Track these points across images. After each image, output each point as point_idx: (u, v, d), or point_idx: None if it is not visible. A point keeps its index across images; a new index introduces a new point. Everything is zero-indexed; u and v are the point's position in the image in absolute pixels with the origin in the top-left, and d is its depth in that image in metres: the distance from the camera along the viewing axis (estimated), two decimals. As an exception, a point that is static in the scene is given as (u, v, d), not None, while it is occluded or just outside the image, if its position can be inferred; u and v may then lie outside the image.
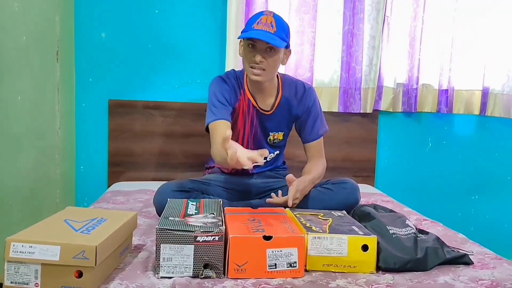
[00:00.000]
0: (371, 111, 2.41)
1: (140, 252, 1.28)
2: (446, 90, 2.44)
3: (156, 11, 2.29)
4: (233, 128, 1.69)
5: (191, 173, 2.17)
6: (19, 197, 1.65)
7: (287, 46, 1.62)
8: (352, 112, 2.40)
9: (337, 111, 2.40)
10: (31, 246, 0.99)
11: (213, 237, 1.09)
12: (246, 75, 1.70)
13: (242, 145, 1.71)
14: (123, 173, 2.31)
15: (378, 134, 2.49)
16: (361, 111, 2.40)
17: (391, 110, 2.45)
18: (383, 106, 2.43)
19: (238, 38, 1.59)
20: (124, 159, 2.31)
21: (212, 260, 1.10)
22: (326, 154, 1.81)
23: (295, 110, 1.74)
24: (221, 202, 1.39)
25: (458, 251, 1.30)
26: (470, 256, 1.29)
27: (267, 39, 1.51)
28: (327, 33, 2.36)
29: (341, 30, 2.34)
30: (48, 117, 1.95)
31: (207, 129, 1.65)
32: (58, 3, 2.03)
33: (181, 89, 2.34)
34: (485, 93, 2.47)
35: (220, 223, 1.15)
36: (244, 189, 1.75)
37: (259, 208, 1.45)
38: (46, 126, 1.92)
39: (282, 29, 1.56)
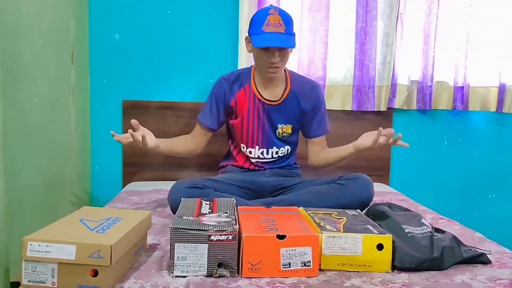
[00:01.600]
0: (385, 109, 2.39)
1: (154, 251, 1.29)
2: (462, 87, 2.41)
3: (169, 12, 2.30)
4: (239, 123, 1.79)
5: (204, 172, 2.18)
6: (36, 197, 1.68)
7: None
8: (366, 110, 2.38)
9: (350, 109, 2.39)
10: (48, 246, 1.01)
11: (226, 236, 1.09)
12: (254, 69, 1.80)
13: (250, 138, 1.80)
14: (138, 173, 2.33)
15: (393, 133, 2.46)
16: (375, 109, 2.37)
17: (405, 108, 2.42)
18: (397, 104, 2.41)
19: (255, 47, 1.62)
20: (139, 159, 2.33)
21: (226, 259, 1.10)
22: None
23: (303, 104, 1.79)
24: (234, 201, 1.39)
25: (476, 250, 1.28)
26: (488, 255, 1.26)
27: (283, 45, 1.59)
28: (340, 31, 2.35)
29: (354, 28, 2.32)
30: (63, 118, 1.97)
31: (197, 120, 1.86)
32: (73, 7, 2.06)
33: (194, 89, 2.35)
34: (501, 90, 2.42)
35: (234, 222, 1.15)
36: (257, 187, 1.76)
37: (272, 207, 1.44)
38: (62, 127, 1.95)
39: (289, 24, 1.62)
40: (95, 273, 1.01)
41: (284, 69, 1.81)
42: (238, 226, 1.13)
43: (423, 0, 2.34)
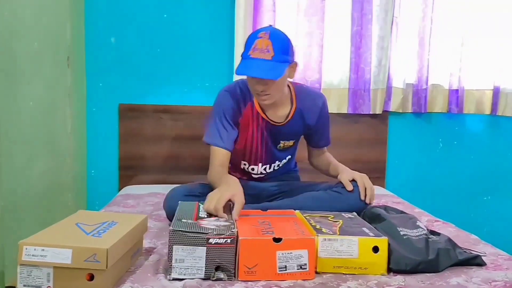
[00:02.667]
0: (380, 112, 2.40)
1: (150, 255, 1.28)
2: (457, 90, 2.42)
3: (165, 16, 2.31)
4: (242, 142, 1.69)
5: (201, 175, 2.18)
6: (31, 201, 1.67)
7: (291, 62, 1.52)
8: (362, 113, 2.39)
9: (346, 112, 2.40)
10: (43, 250, 1.00)
11: (225, 239, 1.09)
12: None
13: (252, 154, 1.72)
14: (134, 176, 2.33)
15: (388, 135, 2.47)
16: (371, 112, 2.39)
17: (400, 111, 2.43)
18: (393, 106, 2.42)
19: (236, 73, 1.50)
20: (135, 162, 2.33)
21: (224, 263, 1.10)
22: (337, 155, 1.83)
23: (309, 120, 1.71)
24: (232, 206, 1.39)
25: (471, 252, 1.29)
26: (483, 257, 1.27)
27: (261, 76, 1.42)
28: (335, 35, 2.36)
29: (349, 31, 2.34)
30: (59, 121, 1.97)
31: (205, 142, 1.65)
32: (69, 10, 2.06)
33: (191, 93, 2.36)
34: (496, 93, 2.44)
35: (233, 226, 1.15)
36: (255, 193, 1.75)
37: (269, 210, 1.45)
38: (57, 131, 1.95)
39: (280, 49, 1.45)
40: (91, 277, 1.00)
41: (289, 86, 1.67)
42: (237, 230, 1.13)
43: (418, 3, 2.36)
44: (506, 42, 2.42)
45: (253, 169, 1.77)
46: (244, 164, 1.77)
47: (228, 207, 1.32)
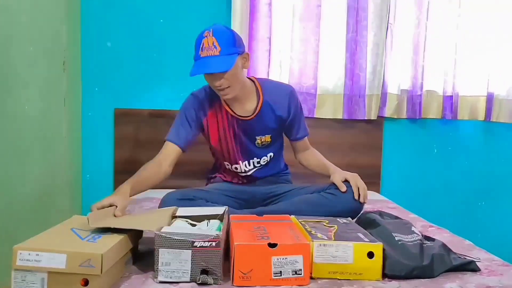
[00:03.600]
0: (375, 118, 2.41)
1: (145, 260, 1.28)
2: (451, 96, 2.44)
3: (161, 21, 2.31)
4: (216, 138, 1.74)
5: (196, 180, 2.18)
6: (26, 205, 1.66)
7: (241, 52, 1.58)
8: (357, 119, 2.40)
9: (341, 118, 2.41)
10: (38, 254, 1.00)
11: (210, 242, 1.10)
12: None
13: (229, 152, 1.75)
14: (129, 181, 2.32)
15: (383, 141, 2.49)
16: (366, 118, 2.40)
17: (395, 117, 2.45)
18: (388, 112, 2.43)
19: (190, 75, 1.55)
20: (130, 167, 2.29)
21: (210, 266, 1.10)
22: (332, 160, 1.83)
23: (279, 112, 1.72)
24: (227, 209, 1.39)
25: (465, 258, 1.29)
26: (477, 262, 1.28)
27: (212, 70, 1.51)
28: (330, 41, 2.37)
29: (345, 38, 2.35)
30: (54, 126, 1.96)
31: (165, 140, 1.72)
32: (65, 14, 2.06)
33: (186, 97, 2.35)
34: (489, 99, 2.46)
35: (219, 232, 1.15)
36: (248, 197, 1.76)
37: (264, 215, 1.45)
38: (52, 135, 1.94)
39: (226, 43, 1.52)
40: (86, 282, 1.00)
41: (254, 80, 1.73)
42: (222, 233, 1.13)
43: (412, 10, 2.38)
44: (499, 49, 2.44)
45: (236, 168, 1.78)
46: (227, 165, 1.79)
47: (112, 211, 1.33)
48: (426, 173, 2.54)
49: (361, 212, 1.60)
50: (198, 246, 1.09)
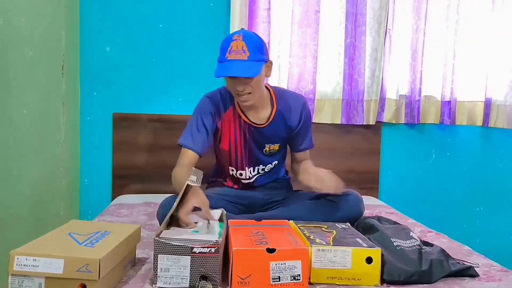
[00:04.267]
0: (374, 123, 2.41)
1: (143, 265, 1.28)
2: (449, 102, 2.45)
3: (160, 25, 2.32)
4: (227, 147, 1.72)
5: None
6: (24, 209, 1.66)
7: (267, 60, 1.58)
8: (355, 124, 2.41)
9: (340, 123, 2.41)
10: (35, 259, 0.99)
11: (209, 248, 1.10)
12: None
13: (237, 158, 1.74)
14: (127, 186, 2.32)
15: (382, 146, 2.49)
16: (364, 123, 2.40)
17: (394, 122, 2.45)
18: (386, 117, 2.44)
19: (215, 76, 1.53)
20: (128, 172, 2.32)
21: (209, 272, 1.10)
22: (330, 165, 1.80)
23: (290, 122, 1.72)
24: (224, 212, 1.39)
25: (464, 263, 1.29)
26: (475, 268, 1.28)
27: (240, 74, 1.49)
28: (329, 46, 2.38)
29: (343, 43, 2.36)
30: (53, 130, 1.96)
31: (179, 144, 1.68)
32: (64, 18, 2.06)
33: (185, 102, 2.36)
34: (487, 104, 2.47)
35: (218, 237, 1.15)
36: (247, 202, 1.75)
37: (263, 220, 1.44)
38: (51, 139, 1.94)
39: (255, 49, 1.51)
40: (83, 287, 1.00)
41: (269, 88, 1.72)
42: (221, 239, 1.13)
43: (411, 16, 2.39)
44: (497, 54, 2.45)
45: (241, 174, 1.77)
46: (232, 170, 1.78)
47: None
48: (425, 178, 2.54)
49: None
50: (197, 252, 1.09)
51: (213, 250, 1.09)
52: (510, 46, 2.45)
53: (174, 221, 1.28)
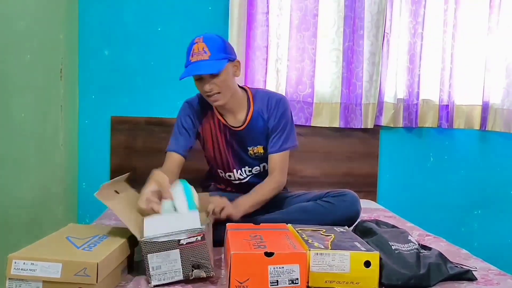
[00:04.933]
0: (372, 127, 2.42)
1: (141, 268, 1.27)
2: (447, 105, 2.45)
3: (159, 29, 2.32)
4: (209, 145, 1.75)
5: (193, 189, 2.17)
6: (22, 213, 1.65)
7: (232, 59, 1.58)
8: (353, 127, 2.41)
9: (338, 126, 2.41)
10: (33, 263, 0.99)
11: (195, 237, 1.11)
12: None
13: (223, 160, 1.75)
14: (125, 189, 2.31)
15: (380, 150, 2.49)
16: (362, 127, 2.41)
17: (392, 126, 2.46)
18: (384, 121, 2.44)
19: (180, 79, 1.56)
20: (126, 175, 2.31)
21: (199, 260, 1.12)
22: (328, 169, 1.80)
23: (269, 121, 1.69)
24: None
25: (462, 267, 1.29)
26: (473, 272, 1.28)
27: (200, 72, 1.53)
28: (327, 50, 2.39)
29: (341, 47, 2.36)
30: (51, 133, 1.96)
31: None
32: (63, 22, 2.06)
33: (182, 105, 2.35)
34: (485, 108, 2.47)
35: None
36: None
37: (261, 224, 1.44)
38: (49, 143, 1.94)
39: (216, 49, 1.54)
40: (81, 292, 0.99)
41: (246, 90, 1.72)
42: (205, 226, 1.14)
43: (408, 20, 2.40)
44: (494, 58, 2.46)
45: (230, 176, 1.78)
46: (221, 173, 1.79)
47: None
48: (423, 182, 2.54)
49: (358, 221, 1.60)
50: (185, 243, 1.11)
51: (199, 238, 1.11)
52: (506, 50, 2.46)
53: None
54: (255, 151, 1.73)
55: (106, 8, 2.28)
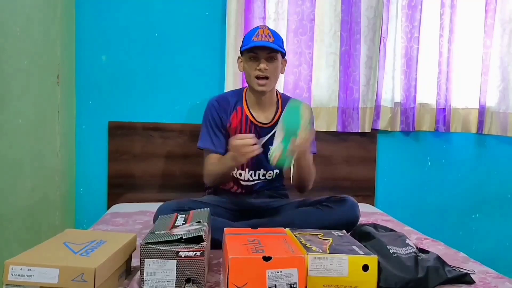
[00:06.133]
0: (369, 131, 2.43)
1: (139, 274, 1.27)
2: (443, 109, 2.46)
3: (156, 35, 2.32)
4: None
5: (191, 193, 2.17)
6: (19, 219, 1.65)
7: (284, 56, 1.74)
8: (351, 131, 2.41)
9: (335, 130, 2.42)
10: (30, 269, 0.99)
11: (195, 252, 1.10)
12: (245, 91, 1.79)
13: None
14: (123, 194, 2.31)
15: (377, 153, 2.50)
16: (360, 131, 2.41)
17: (389, 129, 2.46)
18: (381, 125, 2.45)
19: (241, 50, 1.68)
20: (124, 180, 2.31)
21: (194, 275, 1.11)
22: (325, 173, 1.82)
23: None
24: (209, 211, 1.40)
25: (460, 270, 1.29)
26: (471, 275, 1.28)
27: (269, 45, 1.63)
28: (324, 54, 2.39)
29: (338, 51, 2.37)
30: (48, 139, 1.96)
31: (199, 147, 1.79)
32: (60, 27, 2.07)
33: (181, 110, 2.36)
34: (481, 112, 2.49)
35: (205, 228, 1.16)
36: (244, 209, 1.75)
37: (259, 228, 1.44)
38: (46, 148, 1.93)
39: (278, 39, 1.69)
40: (78, 297, 0.99)
41: (276, 92, 1.82)
42: (206, 243, 1.14)
43: (404, 25, 2.41)
44: (491, 62, 2.47)
45: (240, 175, 1.78)
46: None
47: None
48: (420, 186, 2.54)
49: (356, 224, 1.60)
50: (183, 256, 1.10)
51: (198, 253, 1.10)
52: (501, 54, 2.48)
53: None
54: None
55: (103, 14, 2.28)
